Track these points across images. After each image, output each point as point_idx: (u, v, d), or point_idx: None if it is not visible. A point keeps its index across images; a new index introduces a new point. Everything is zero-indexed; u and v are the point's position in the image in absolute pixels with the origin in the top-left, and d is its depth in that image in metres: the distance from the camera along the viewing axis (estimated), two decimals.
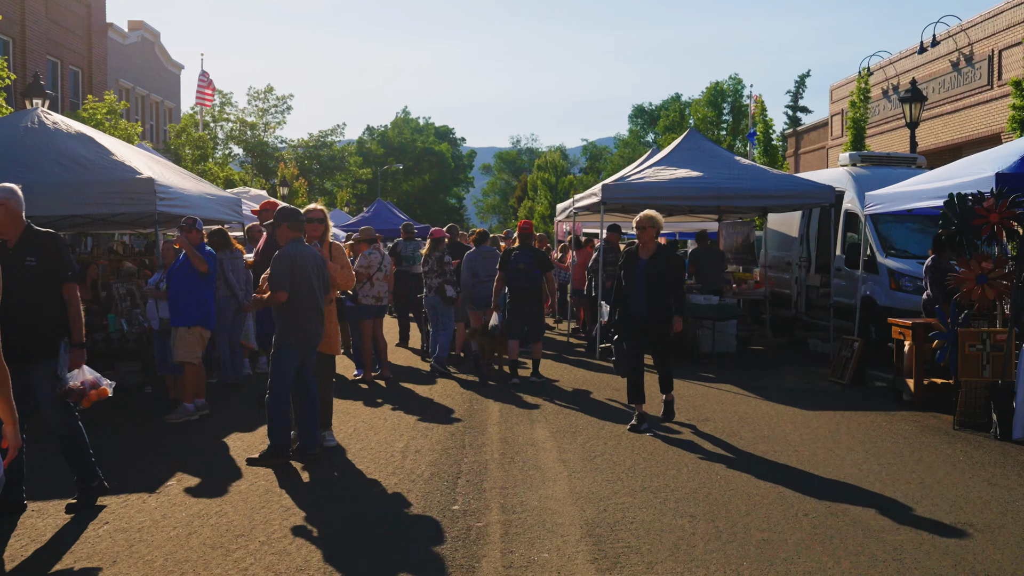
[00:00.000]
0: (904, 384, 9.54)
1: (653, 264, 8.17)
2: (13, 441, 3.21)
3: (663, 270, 8.15)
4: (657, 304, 8.12)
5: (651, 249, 8.24)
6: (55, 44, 26.47)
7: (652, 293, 8.11)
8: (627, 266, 8.32)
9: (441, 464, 6.78)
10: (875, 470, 6.64)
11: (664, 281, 8.13)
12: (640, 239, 8.25)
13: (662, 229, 8.32)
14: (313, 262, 7.08)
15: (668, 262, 8.25)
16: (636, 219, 8.30)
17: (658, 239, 8.34)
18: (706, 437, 7.77)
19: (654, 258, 8.21)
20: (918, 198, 9.94)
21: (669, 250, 8.29)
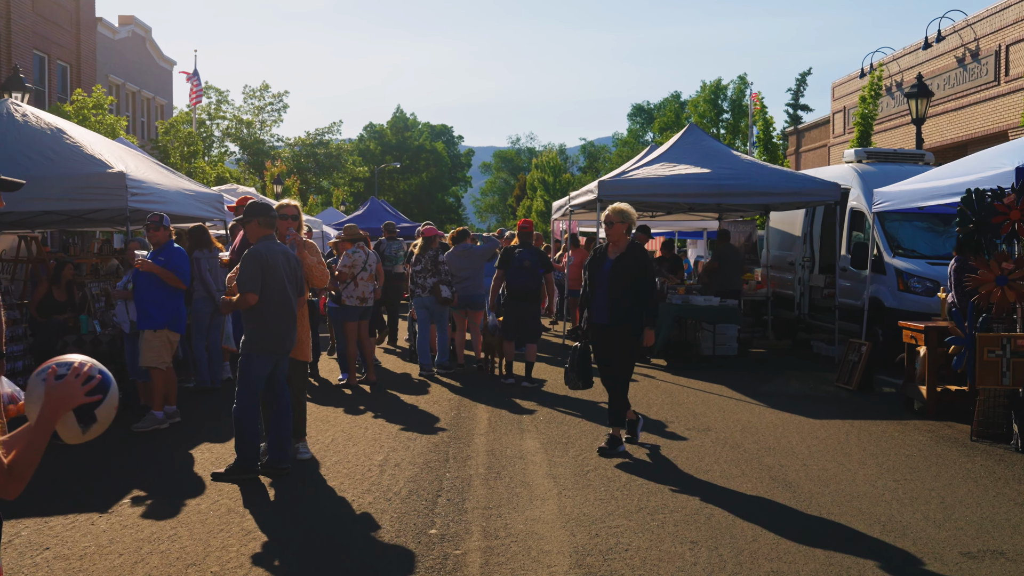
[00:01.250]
0: (916, 391, 9.04)
1: (618, 265, 7.15)
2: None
3: (629, 272, 7.10)
4: (619, 311, 7.09)
5: (620, 248, 7.25)
6: (42, 38, 25.93)
7: (615, 299, 7.09)
8: (592, 267, 7.37)
9: (421, 480, 6.27)
10: (890, 487, 6.13)
11: (629, 285, 7.08)
12: (608, 236, 7.30)
13: (634, 225, 7.37)
14: (285, 261, 6.57)
15: (636, 263, 7.15)
16: (603, 214, 7.47)
17: (630, 236, 7.35)
18: (707, 449, 7.27)
19: (621, 258, 7.18)
20: (930, 195, 9.44)
21: (638, 249, 7.28)
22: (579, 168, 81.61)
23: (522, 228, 11.39)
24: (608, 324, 7.14)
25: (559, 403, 9.40)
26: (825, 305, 14.20)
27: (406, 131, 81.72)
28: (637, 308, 7.09)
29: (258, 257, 6.35)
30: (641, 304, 7.09)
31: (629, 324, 7.07)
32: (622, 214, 7.23)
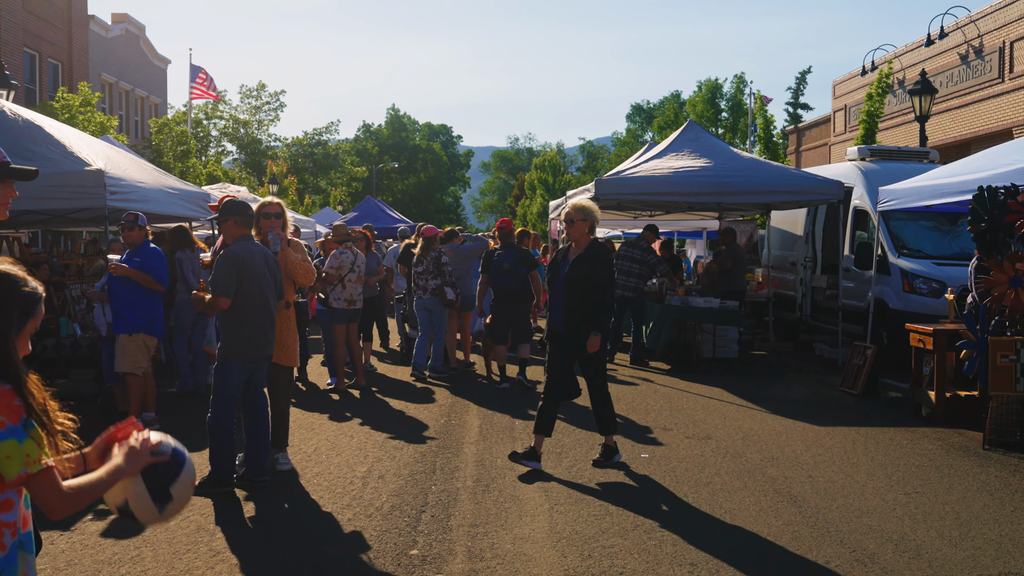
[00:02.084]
0: (924, 396, 8.70)
1: (577, 267, 6.55)
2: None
3: (587, 274, 6.51)
4: (576, 318, 6.52)
5: (581, 248, 6.63)
6: (33, 36, 25.60)
7: (571, 304, 6.53)
8: (551, 269, 6.81)
9: (405, 494, 5.93)
10: (901, 501, 5.80)
11: (588, 288, 6.51)
12: (569, 236, 6.69)
13: (598, 223, 6.71)
14: (264, 263, 6.23)
15: (594, 264, 6.53)
16: (563, 211, 6.83)
17: (592, 235, 6.71)
18: (708, 459, 6.93)
19: (579, 260, 6.57)
20: (938, 193, 9.10)
21: (599, 249, 6.66)
22: (578, 168, 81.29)
23: (500, 228, 11.06)
24: (564, 332, 6.60)
25: None
26: (828, 306, 13.87)
27: (403, 131, 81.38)
28: (606, 311, 6.56)
29: (233, 259, 6.01)
30: (596, 307, 6.51)
31: (586, 324, 6.51)
32: (583, 211, 6.61)
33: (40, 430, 2.18)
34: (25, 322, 2.28)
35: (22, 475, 2.14)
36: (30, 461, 2.14)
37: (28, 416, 2.18)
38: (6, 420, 2.15)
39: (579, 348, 6.55)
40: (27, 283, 2.29)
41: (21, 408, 2.17)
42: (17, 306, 2.25)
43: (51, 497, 2.19)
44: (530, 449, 6.57)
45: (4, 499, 2.21)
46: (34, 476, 2.17)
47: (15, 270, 2.30)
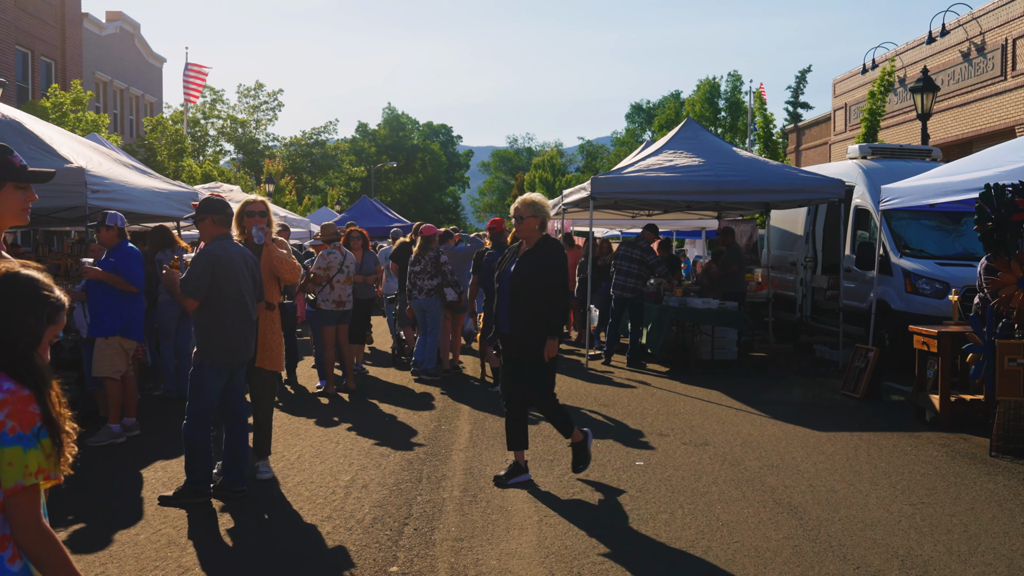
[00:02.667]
0: (928, 401, 8.45)
1: (525, 264, 6.14)
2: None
3: (536, 272, 6.07)
4: (522, 318, 6.08)
5: (530, 245, 6.23)
6: (25, 34, 25.35)
7: (517, 303, 6.11)
8: (500, 267, 6.44)
9: (389, 505, 5.68)
10: (907, 512, 5.55)
11: (534, 288, 6.05)
12: (518, 233, 6.27)
13: (548, 218, 6.27)
14: (243, 263, 5.97)
15: (543, 262, 6.09)
16: (512, 207, 6.37)
17: (544, 231, 6.26)
18: (705, 467, 6.68)
19: (528, 256, 6.18)
20: (943, 191, 8.86)
21: (550, 245, 6.20)
22: (577, 168, 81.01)
23: (491, 228, 10.84)
24: (511, 332, 6.18)
25: None
26: (828, 307, 13.63)
27: (400, 130, 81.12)
28: (547, 312, 6.10)
29: (209, 258, 5.76)
30: (548, 309, 6.07)
31: (536, 331, 6.07)
32: (533, 206, 6.19)
33: (50, 442, 2.14)
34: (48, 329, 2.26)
35: (18, 485, 2.08)
36: (27, 472, 2.09)
37: (42, 425, 2.13)
38: (17, 426, 2.10)
39: (525, 351, 6.12)
40: (52, 290, 2.26)
41: (36, 416, 2.13)
42: (44, 313, 2.24)
43: (29, 518, 2.11)
44: (513, 465, 6.23)
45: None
46: (24, 489, 2.10)
47: (42, 277, 2.27)
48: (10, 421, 2.10)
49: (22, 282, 2.24)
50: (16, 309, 2.21)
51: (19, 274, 2.25)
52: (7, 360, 2.18)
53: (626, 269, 12.31)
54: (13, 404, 2.11)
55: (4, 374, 2.17)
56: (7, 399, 2.11)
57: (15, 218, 3.11)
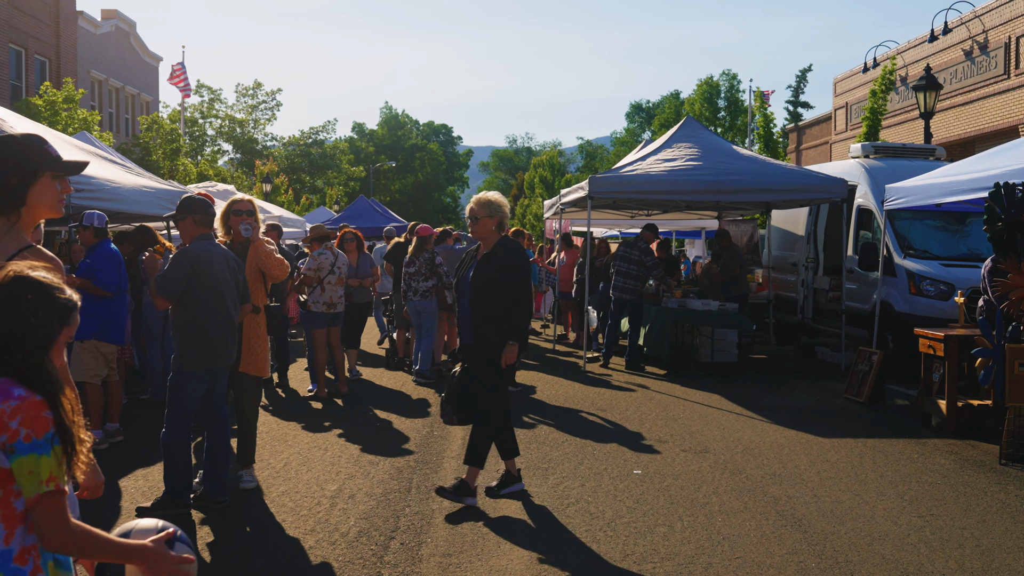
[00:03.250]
0: (935, 406, 8.23)
1: (484, 269, 5.69)
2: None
3: (495, 276, 5.63)
4: (486, 327, 5.63)
5: (488, 248, 5.80)
6: (18, 32, 25.12)
7: (479, 311, 5.65)
8: (459, 273, 5.95)
9: (375, 517, 5.45)
10: (916, 526, 5.32)
11: (495, 293, 5.61)
12: (475, 234, 5.85)
13: (507, 218, 5.84)
14: (225, 264, 5.74)
15: (504, 264, 5.66)
16: (467, 207, 5.96)
17: (502, 232, 5.82)
18: (705, 476, 6.45)
19: (486, 260, 5.74)
20: (949, 191, 8.63)
21: (510, 247, 5.76)
22: (577, 168, 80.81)
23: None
24: (474, 343, 5.73)
25: (543, 418, 8.59)
26: (830, 308, 13.41)
27: (399, 129, 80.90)
28: (510, 317, 5.65)
29: (188, 258, 5.53)
30: (508, 314, 5.64)
31: (503, 340, 5.61)
32: (488, 205, 5.77)
33: (62, 449, 2.09)
34: (60, 332, 2.20)
35: (40, 493, 2.05)
36: (43, 480, 2.05)
37: (55, 432, 2.09)
38: (31, 433, 2.05)
39: (489, 362, 5.67)
40: (63, 290, 2.20)
41: (50, 422, 2.08)
42: (55, 316, 2.17)
43: (56, 523, 2.07)
44: (505, 475, 5.95)
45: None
46: (44, 496, 2.06)
47: (51, 277, 2.21)
48: (24, 429, 2.05)
49: (30, 284, 2.16)
50: (25, 313, 2.13)
51: (27, 276, 2.17)
52: (17, 366, 2.12)
53: (625, 270, 12.07)
54: (25, 411, 2.06)
55: (13, 380, 2.10)
56: (19, 406, 2.06)
57: (50, 209, 3.04)
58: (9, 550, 2.08)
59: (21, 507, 2.08)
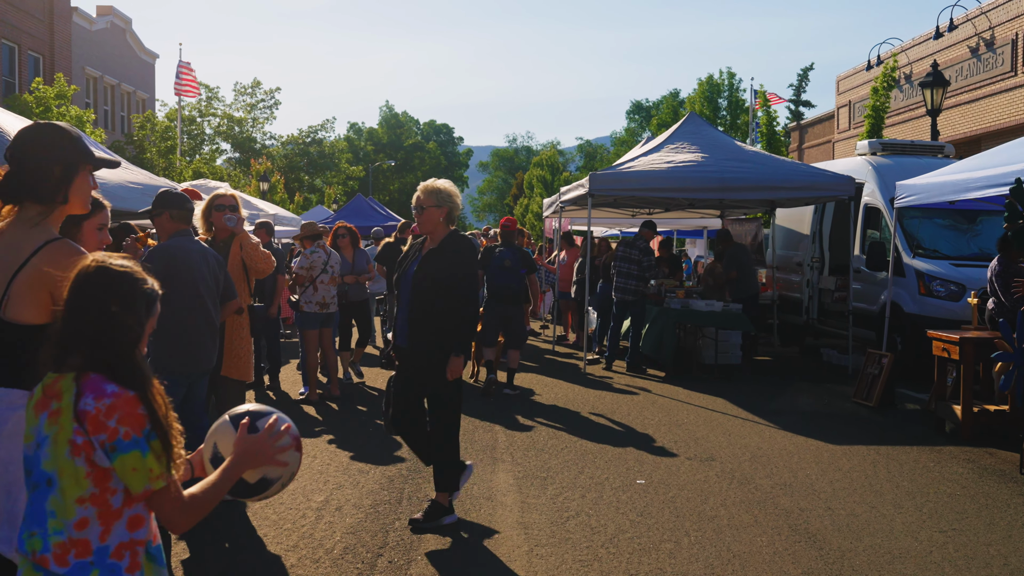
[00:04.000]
0: (949, 411, 7.91)
1: (427, 265, 5.15)
2: None
3: (440, 274, 5.08)
4: (423, 331, 5.10)
5: (435, 242, 5.24)
6: (12, 28, 24.81)
7: (417, 312, 5.11)
8: (400, 268, 5.39)
9: (363, 531, 5.13)
10: (938, 541, 5.00)
11: (437, 294, 5.06)
12: (421, 227, 5.27)
13: (457, 210, 5.26)
14: (204, 262, 5.41)
15: (451, 261, 5.10)
16: (414, 195, 5.36)
17: (452, 226, 5.29)
18: (712, 486, 6.13)
19: (431, 256, 5.19)
20: (963, 188, 8.31)
21: (458, 243, 5.22)
22: (576, 167, 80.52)
23: (504, 226, 10.48)
24: (408, 347, 5.17)
25: (542, 422, 8.27)
26: (836, 309, 13.10)
27: (398, 128, 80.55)
28: (454, 324, 5.09)
29: (163, 256, 5.20)
30: (452, 319, 5.07)
31: (441, 348, 5.08)
32: (437, 194, 5.18)
33: (159, 444, 2.06)
34: (148, 323, 2.16)
35: (147, 490, 2.04)
36: (153, 476, 2.04)
37: (151, 427, 2.06)
38: (130, 430, 2.03)
39: (425, 372, 5.14)
40: (146, 280, 2.16)
41: (145, 418, 2.05)
42: (143, 306, 2.13)
43: (174, 513, 2.10)
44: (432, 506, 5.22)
45: (134, 515, 2.10)
46: (156, 492, 2.06)
47: (135, 267, 2.15)
48: (123, 427, 2.03)
49: (115, 275, 2.10)
50: (113, 306, 2.07)
51: (111, 266, 2.11)
52: (108, 362, 2.06)
53: (625, 271, 11.73)
54: (122, 408, 2.03)
55: (105, 376, 2.06)
56: (115, 403, 2.03)
57: (83, 205, 2.99)
58: (106, 546, 2.06)
59: (118, 504, 2.07)
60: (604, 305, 12.96)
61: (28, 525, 2.09)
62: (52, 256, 2.88)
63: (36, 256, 2.88)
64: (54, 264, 2.81)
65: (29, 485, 2.14)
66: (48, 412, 2.10)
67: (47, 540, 2.06)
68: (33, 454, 2.12)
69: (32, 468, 2.12)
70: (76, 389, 2.06)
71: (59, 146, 2.90)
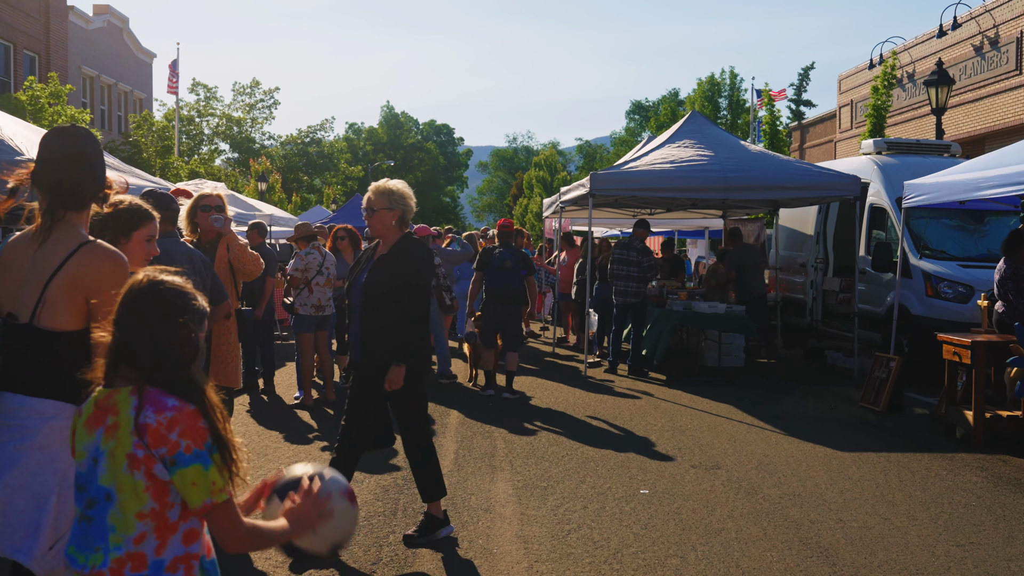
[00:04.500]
0: (961, 416, 7.70)
1: (378, 272, 4.83)
2: None
3: (390, 282, 4.75)
4: (373, 338, 4.80)
5: (387, 247, 4.91)
6: (7, 26, 24.59)
7: (369, 322, 4.80)
8: (351, 275, 5.06)
9: (355, 546, 4.91)
10: (956, 556, 4.79)
11: (389, 301, 4.74)
12: (372, 230, 4.91)
13: (411, 212, 4.91)
14: (190, 264, 5.20)
15: (400, 268, 4.78)
16: (364, 196, 5.03)
17: (405, 229, 4.94)
18: (719, 496, 5.92)
19: (382, 262, 4.86)
20: (975, 187, 8.08)
21: (409, 247, 4.87)
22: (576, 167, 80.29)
23: (502, 227, 10.31)
24: (362, 361, 4.88)
25: (542, 428, 8.05)
26: (840, 311, 12.89)
27: (398, 128, 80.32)
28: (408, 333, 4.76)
29: None
30: (397, 326, 4.74)
31: (385, 350, 4.76)
32: (389, 195, 4.84)
33: (220, 457, 2.07)
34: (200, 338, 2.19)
35: (207, 504, 2.04)
36: (215, 490, 2.05)
37: (212, 440, 2.07)
38: (191, 444, 2.04)
39: (379, 380, 4.80)
40: (196, 296, 2.18)
41: (206, 431, 2.07)
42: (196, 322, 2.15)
43: (232, 528, 2.10)
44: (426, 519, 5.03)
45: (189, 528, 2.11)
46: (217, 507, 2.06)
47: (183, 282, 2.17)
48: (184, 440, 2.03)
49: (167, 291, 2.13)
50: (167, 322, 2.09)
51: (163, 282, 2.14)
52: (165, 377, 2.09)
53: (625, 273, 11.48)
54: (183, 422, 2.04)
55: (163, 391, 2.07)
56: (176, 417, 2.04)
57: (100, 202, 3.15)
58: (161, 560, 2.07)
59: (175, 518, 2.07)
60: (601, 307, 12.76)
61: (90, 540, 2.08)
62: (88, 259, 2.90)
63: (71, 260, 2.89)
64: (90, 267, 2.89)
65: (83, 501, 2.11)
66: (104, 427, 2.09)
67: (107, 555, 2.06)
68: (88, 470, 2.10)
69: (87, 484, 2.11)
70: (135, 403, 2.06)
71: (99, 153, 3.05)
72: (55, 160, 2.99)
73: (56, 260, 2.89)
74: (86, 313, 2.90)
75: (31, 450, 2.82)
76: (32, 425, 2.85)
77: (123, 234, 3.34)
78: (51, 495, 2.81)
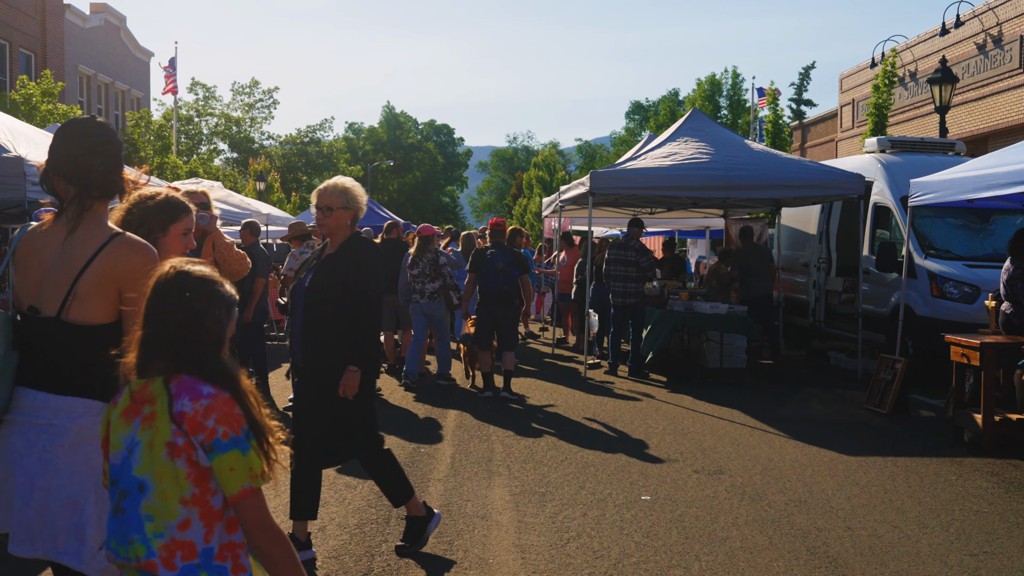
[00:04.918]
0: (969, 420, 7.53)
1: (324, 273, 4.56)
2: None
3: (336, 283, 4.49)
4: (317, 343, 4.52)
5: (335, 247, 4.65)
6: (2, 24, 24.43)
7: (313, 326, 4.52)
8: (296, 276, 4.76)
9: (346, 556, 4.75)
10: (970, 567, 4.62)
11: (333, 304, 4.48)
12: (324, 229, 4.67)
13: (362, 212, 4.68)
14: None
15: (347, 267, 4.52)
16: (313, 193, 4.74)
17: (355, 227, 4.70)
18: (722, 502, 5.75)
19: (329, 262, 4.60)
20: (984, 185, 7.90)
21: (357, 247, 4.61)
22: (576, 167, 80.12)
23: (494, 227, 10.17)
24: (304, 366, 4.59)
25: (541, 431, 7.88)
26: (843, 311, 12.72)
27: (398, 128, 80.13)
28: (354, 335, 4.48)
29: None
30: (351, 328, 4.47)
31: (329, 354, 4.48)
32: (345, 195, 4.56)
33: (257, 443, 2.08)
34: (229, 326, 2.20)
35: (246, 488, 2.06)
36: (253, 475, 2.06)
37: (249, 426, 2.08)
38: (228, 430, 2.06)
39: (324, 390, 4.49)
40: (223, 284, 2.19)
41: (242, 417, 2.08)
42: (224, 310, 2.16)
43: (262, 520, 2.09)
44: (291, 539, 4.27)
45: (231, 516, 2.11)
46: (249, 493, 2.07)
47: (211, 271, 2.19)
48: (221, 426, 2.05)
49: (195, 279, 2.14)
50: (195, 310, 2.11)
51: (190, 271, 2.15)
52: (196, 364, 2.10)
53: (622, 274, 11.30)
54: (219, 409, 2.06)
55: (198, 378, 2.09)
56: (212, 404, 2.06)
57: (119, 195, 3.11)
58: (210, 548, 2.07)
59: (219, 504, 2.07)
60: (598, 307, 12.60)
61: (126, 532, 2.07)
62: (122, 251, 2.85)
63: (104, 251, 2.83)
64: (124, 259, 2.83)
65: (116, 494, 2.11)
66: (141, 417, 2.09)
67: (149, 544, 2.05)
68: (122, 461, 2.10)
69: (120, 476, 2.10)
70: (170, 391, 2.07)
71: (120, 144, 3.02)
72: (83, 150, 2.92)
73: (88, 251, 2.82)
74: (117, 306, 2.83)
75: (62, 451, 2.77)
76: (61, 424, 2.78)
77: (160, 228, 3.23)
78: (89, 495, 2.74)
